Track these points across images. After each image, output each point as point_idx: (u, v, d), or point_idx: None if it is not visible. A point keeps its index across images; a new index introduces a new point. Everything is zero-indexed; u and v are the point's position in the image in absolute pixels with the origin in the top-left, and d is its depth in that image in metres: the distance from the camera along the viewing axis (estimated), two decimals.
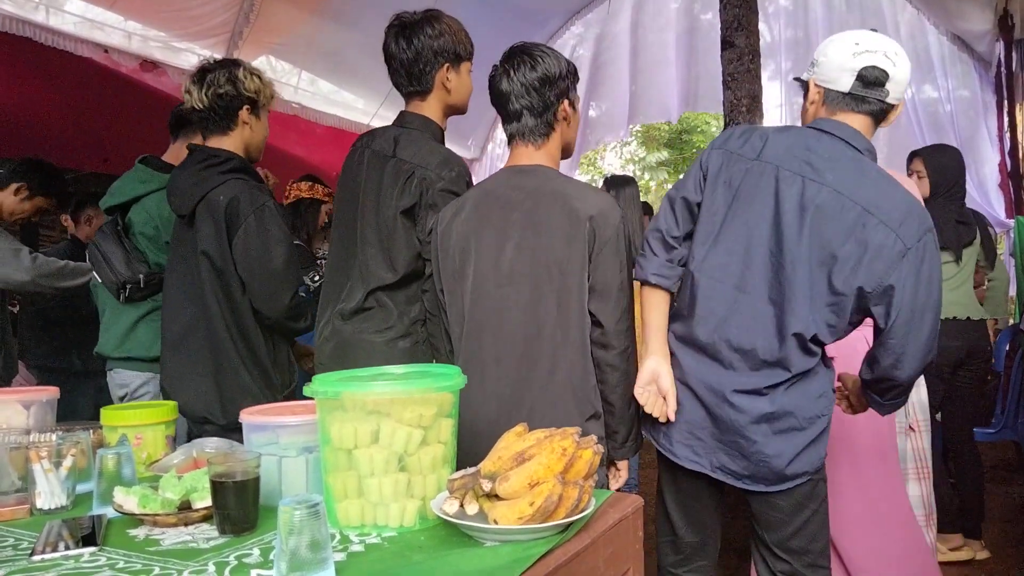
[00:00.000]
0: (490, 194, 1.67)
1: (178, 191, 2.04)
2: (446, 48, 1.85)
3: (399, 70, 1.87)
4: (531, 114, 1.66)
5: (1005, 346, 3.74)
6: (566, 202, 1.61)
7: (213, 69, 2.01)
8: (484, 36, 6.86)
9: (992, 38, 5.31)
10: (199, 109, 2.01)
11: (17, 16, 3.78)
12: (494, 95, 1.70)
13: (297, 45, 5.25)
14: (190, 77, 2.04)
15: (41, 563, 1.06)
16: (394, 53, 1.86)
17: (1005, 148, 5.26)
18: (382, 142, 1.90)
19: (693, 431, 1.66)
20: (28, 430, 1.52)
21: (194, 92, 1.99)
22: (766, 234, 1.59)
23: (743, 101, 4.08)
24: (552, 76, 1.65)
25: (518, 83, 1.64)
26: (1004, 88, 5.24)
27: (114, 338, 2.43)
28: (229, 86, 2.00)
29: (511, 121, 1.69)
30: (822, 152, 1.59)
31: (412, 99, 1.92)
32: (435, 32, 1.84)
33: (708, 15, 6.05)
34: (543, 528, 1.07)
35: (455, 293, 1.69)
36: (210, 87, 1.98)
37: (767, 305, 1.59)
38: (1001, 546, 3.27)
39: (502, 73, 1.67)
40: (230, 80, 2.00)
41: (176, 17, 4.50)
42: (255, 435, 1.37)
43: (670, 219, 1.72)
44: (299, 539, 0.93)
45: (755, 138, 1.65)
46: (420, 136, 1.88)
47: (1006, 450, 4.69)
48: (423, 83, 1.87)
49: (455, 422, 1.25)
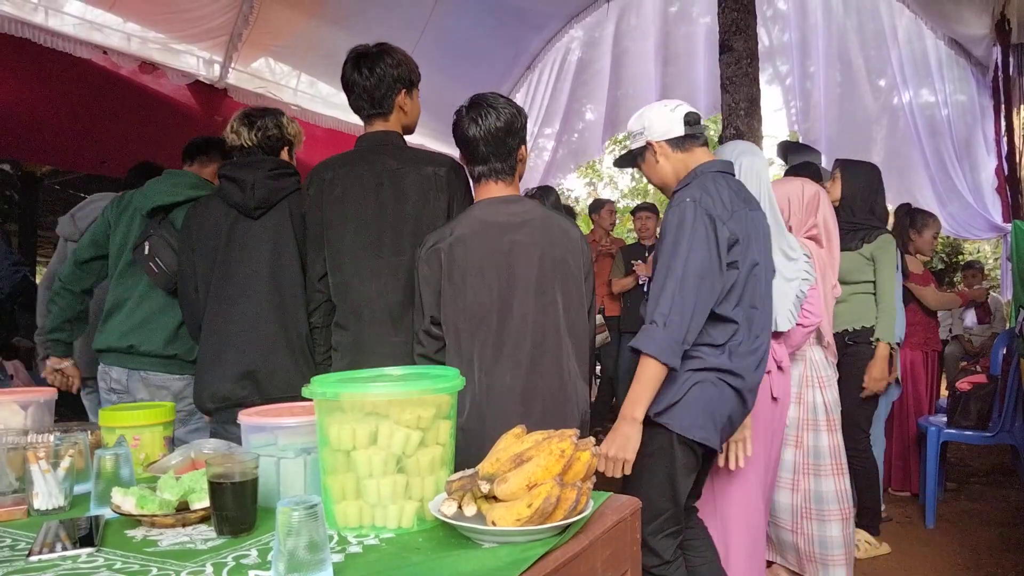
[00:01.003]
0: (486, 222, 1.83)
1: (259, 189, 2.19)
2: (403, 76, 2.07)
3: (362, 95, 2.06)
4: (497, 159, 1.87)
5: (1001, 351, 3.75)
6: (559, 224, 1.87)
7: (261, 115, 2.31)
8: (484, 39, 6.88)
9: (989, 43, 5.32)
10: (247, 147, 2.27)
11: (16, 17, 3.77)
12: (460, 139, 1.88)
13: (296, 47, 5.25)
14: (238, 120, 2.30)
15: (38, 564, 1.06)
16: (356, 81, 2.05)
17: (1002, 152, 5.26)
18: (385, 160, 2.02)
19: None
20: (26, 431, 1.52)
21: (243, 132, 2.27)
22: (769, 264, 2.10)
23: (741, 105, 4.09)
24: (514, 126, 1.86)
25: (484, 131, 1.83)
26: (1001, 92, 5.25)
27: (160, 338, 2.46)
28: (276, 130, 2.30)
29: (479, 163, 1.88)
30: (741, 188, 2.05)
31: (374, 121, 2.09)
32: (393, 62, 2.05)
33: (707, 19, 6.06)
34: (541, 530, 1.07)
35: (475, 304, 1.78)
36: (260, 130, 2.27)
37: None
38: (998, 550, 3.27)
39: (469, 121, 1.85)
40: (277, 125, 2.31)
41: (175, 19, 4.49)
42: (253, 436, 1.37)
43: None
44: (297, 540, 0.93)
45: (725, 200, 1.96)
46: (409, 147, 2.11)
47: (1003, 454, 4.70)
48: (384, 106, 2.07)
49: (453, 424, 1.26)
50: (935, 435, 3.68)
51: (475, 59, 6.13)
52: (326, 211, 2.02)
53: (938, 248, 10.59)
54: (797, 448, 2.68)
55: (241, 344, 2.13)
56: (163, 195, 2.50)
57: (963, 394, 3.71)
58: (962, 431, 3.67)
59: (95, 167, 4.34)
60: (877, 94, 5.85)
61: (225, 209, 2.22)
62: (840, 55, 5.83)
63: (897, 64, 5.67)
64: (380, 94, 2.04)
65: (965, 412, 3.66)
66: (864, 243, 3.25)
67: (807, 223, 2.70)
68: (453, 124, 1.88)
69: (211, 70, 4.82)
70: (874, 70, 5.81)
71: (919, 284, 4.12)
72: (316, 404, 1.21)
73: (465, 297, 1.78)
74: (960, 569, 3.08)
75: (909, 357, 4.16)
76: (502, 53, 6.57)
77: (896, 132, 5.79)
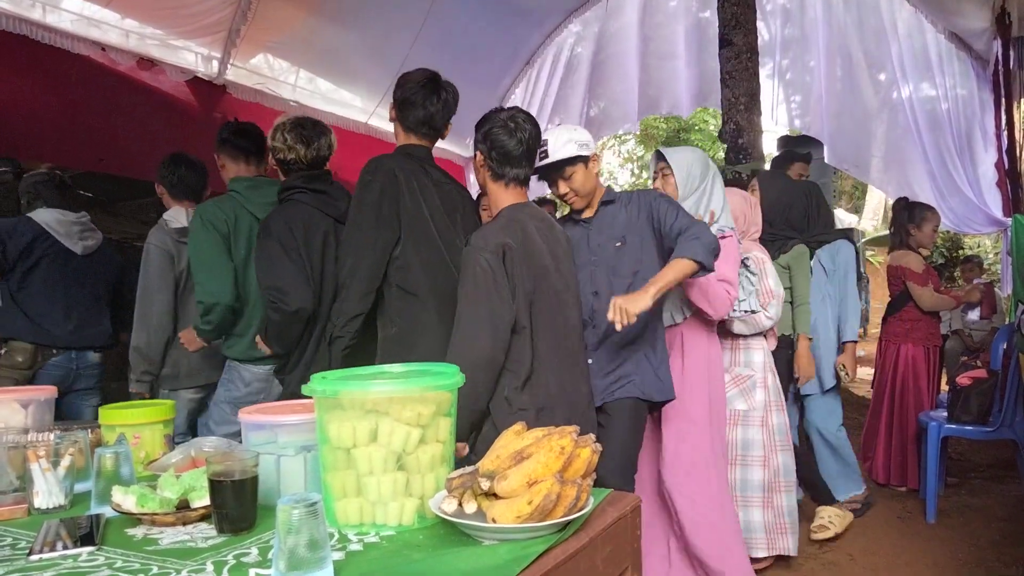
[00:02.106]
0: (541, 220, 2.10)
1: (342, 200, 2.43)
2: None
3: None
4: (530, 165, 2.12)
5: (1002, 345, 3.74)
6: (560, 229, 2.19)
7: (316, 135, 2.47)
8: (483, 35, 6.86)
9: (990, 36, 5.30)
10: (301, 162, 2.44)
11: (14, 14, 3.76)
12: (500, 144, 2.04)
13: (295, 43, 5.24)
14: (293, 135, 2.44)
15: (39, 563, 1.06)
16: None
17: (1002, 146, 5.25)
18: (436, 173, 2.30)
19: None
20: (26, 429, 1.52)
21: (300, 150, 2.43)
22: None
23: (741, 99, 4.09)
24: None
25: (528, 138, 2.06)
26: (1001, 86, 5.23)
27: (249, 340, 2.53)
28: (328, 151, 2.49)
29: (516, 167, 2.07)
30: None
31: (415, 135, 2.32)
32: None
33: (707, 13, 6.04)
34: (541, 527, 1.07)
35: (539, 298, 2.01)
36: (316, 150, 2.45)
37: None
38: (999, 545, 3.27)
39: (518, 129, 2.05)
40: (329, 146, 2.50)
41: (173, 15, 4.48)
42: (253, 434, 1.37)
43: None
44: (297, 538, 0.93)
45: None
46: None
47: (1003, 449, 4.70)
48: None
49: (453, 421, 1.26)
50: (936, 430, 3.68)
51: (474, 55, 6.11)
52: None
53: (938, 243, 10.61)
54: (764, 428, 2.90)
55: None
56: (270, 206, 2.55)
57: (963, 389, 3.71)
58: (962, 426, 3.67)
59: (93, 164, 4.32)
60: (877, 88, 5.84)
61: (322, 216, 2.39)
62: (840, 49, 5.81)
63: (897, 58, 5.65)
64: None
65: (965, 407, 3.66)
66: (780, 253, 3.42)
67: (751, 228, 3.02)
68: (492, 128, 2.04)
69: (210, 66, 4.81)
70: (874, 64, 5.80)
71: (918, 284, 4.12)
72: (316, 402, 1.21)
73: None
74: (961, 564, 3.08)
75: (911, 353, 4.16)
76: (501, 49, 6.55)
77: (896, 126, 5.78)
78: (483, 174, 2.09)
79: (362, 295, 2.11)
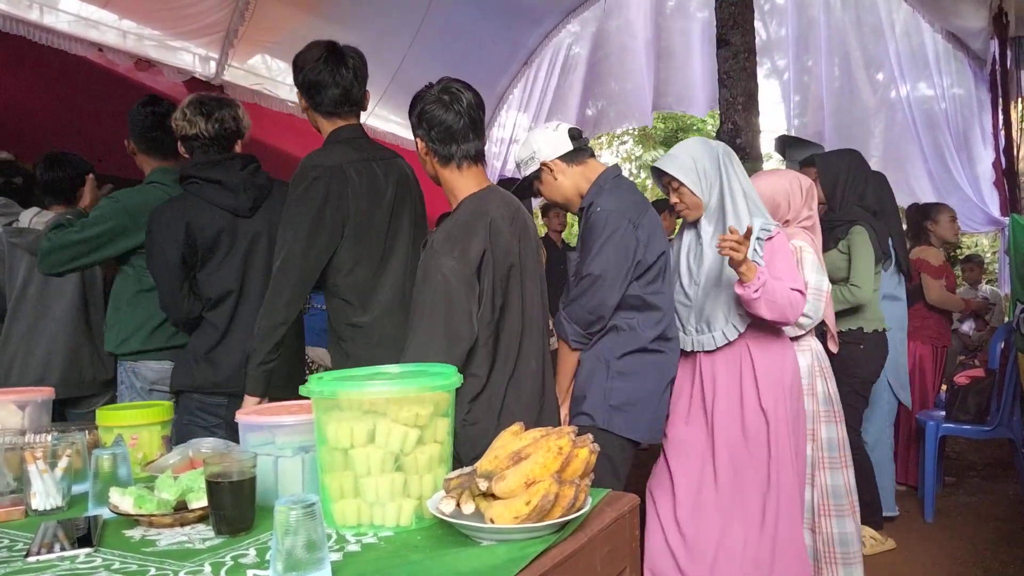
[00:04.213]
0: (507, 204, 1.85)
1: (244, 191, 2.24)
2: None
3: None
4: (478, 138, 1.83)
5: (1000, 344, 3.75)
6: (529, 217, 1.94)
7: (218, 106, 2.26)
8: (480, 35, 6.85)
9: (987, 36, 5.32)
10: (202, 137, 2.23)
11: (11, 15, 3.76)
12: (436, 119, 1.78)
13: (292, 44, 5.18)
14: (192, 108, 2.24)
15: (36, 564, 1.06)
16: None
17: (1000, 146, 5.27)
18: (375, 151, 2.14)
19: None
20: (23, 431, 1.52)
21: (200, 123, 2.22)
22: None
23: (739, 99, 4.09)
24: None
25: (467, 108, 1.79)
26: (999, 86, 5.25)
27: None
28: (233, 123, 2.27)
29: (464, 142, 1.79)
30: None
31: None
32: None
33: (704, 13, 6.04)
34: (539, 527, 1.07)
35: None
36: (217, 122, 2.24)
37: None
38: (996, 544, 3.28)
39: (452, 100, 1.78)
40: (234, 118, 2.28)
41: (171, 16, 4.48)
42: (251, 435, 1.37)
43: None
44: (295, 539, 0.93)
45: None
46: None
47: (1001, 448, 4.70)
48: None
49: (451, 421, 1.25)
50: (933, 429, 3.68)
51: (472, 55, 6.11)
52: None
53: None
54: (813, 442, 2.51)
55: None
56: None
57: (961, 388, 3.71)
58: (960, 425, 3.67)
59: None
60: (875, 88, 5.85)
61: (216, 210, 2.17)
62: (838, 49, 5.83)
63: (895, 58, 5.67)
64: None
65: (963, 406, 3.66)
66: (840, 240, 3.23)
67: (802, 214, 2.68)
68: (425, 106, 1.78)
69: (207, 67, 4.81)
70: (872, 64, 5.81)
71: (931, 276, 4.12)
72: (314, 402, 1.20)
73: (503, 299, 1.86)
74: (958, 563, 3.08)
75: (919, 351, 4.15)
76: (499, 48, 6.56)
77: (894, 126, 5.79)
78: (431, 162, 1.81)
79: (286, 303, 1.92)
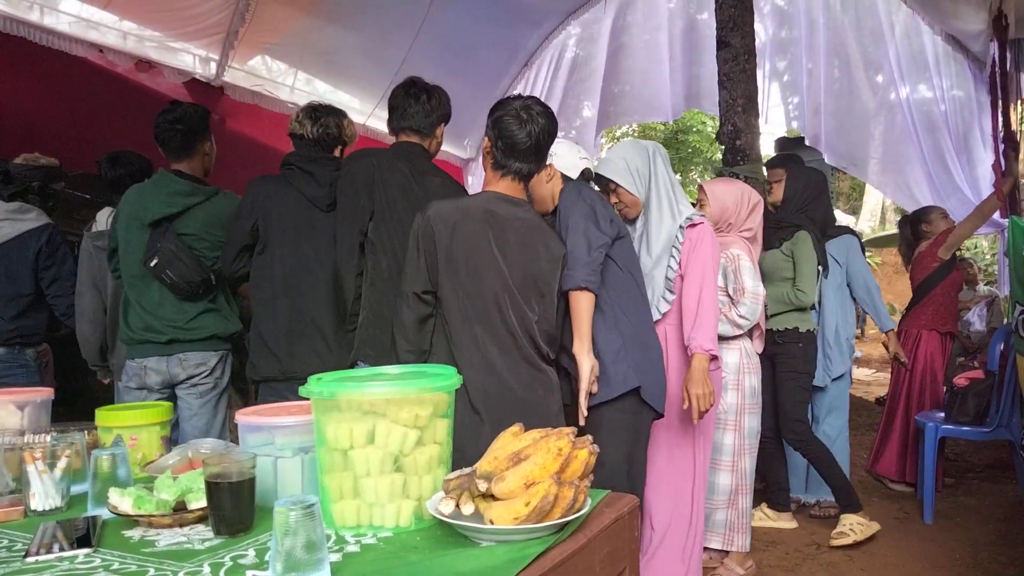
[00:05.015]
0: (513, 217, 1.97)
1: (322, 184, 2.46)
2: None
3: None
4: (539, 161, 2.02)
5: (999, 346, 3.75)
6: (542, 232, 2.00)
7: (325, 113, 2.54)
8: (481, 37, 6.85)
9: (986, 38, 5.31)
10: (307, 138, 2.51)
11: (11, 16, 3.77)
12: (507, 134, 1.93)
13: (293, 45, 5.24)
14: (304, 112, 2.55)
15: (35, 564, 1.06)
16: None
17: (999, 148, 5.26)
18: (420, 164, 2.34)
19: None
20: (22, 431, 1.52)
21: (307, 125, 2.51)
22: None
23: (739, 101, 4.08)
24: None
25: (538, 133, 1.94)
26: (998, 88, 5.24)
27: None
28: (336, 130, 2.54)
29: (521, 161, 1.96)
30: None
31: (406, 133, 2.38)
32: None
33: (704, 15, 6.05)
34: (539, 528, 1.07)
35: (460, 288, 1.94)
36: (322, 127, 2.52)
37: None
38: (995, 545, 3.28)
39: (529, 121, 1.94)
40: (337, 126, 2.55)
41: (171, 17, 4.48)
42: (250, 436, 1.37)
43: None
44: (295, 540, 0.93)
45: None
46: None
47: (1000, 450, 4.70)
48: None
49: (450, 422, 1.25)
50: (932, 431, 3.68)
51: (472, 56, 6.11)
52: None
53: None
54: (736, 431, 2.85)
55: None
56: (162, 206, 2.51)
57: (961, 390, 3.71)
58: (960, 427, 3.67)
59: (91, 166, 4.32)
60: (875, 90, 5.85)
61: (297, 196, 2.44)
62: (837, 51, 5.82)
63: (894, 60, 5.66)
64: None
65: (963, 408, 3.66)
66: (783, 242, 3.40)
67: (744, 224, 2.91)
68: (504, 115, 1.94)
69: (207, 68, 4.81)
70: (871, 66, 5.81)
71: (940, 239, 4.16)
72: (313, 403, 1.20)
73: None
74: (958, 564, 3.08)
75: (930, 350, 4.13)
76: (499, 50, 6.55)
77: (894, 128, 5.79)
78: (487, 160, 2.00)
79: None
